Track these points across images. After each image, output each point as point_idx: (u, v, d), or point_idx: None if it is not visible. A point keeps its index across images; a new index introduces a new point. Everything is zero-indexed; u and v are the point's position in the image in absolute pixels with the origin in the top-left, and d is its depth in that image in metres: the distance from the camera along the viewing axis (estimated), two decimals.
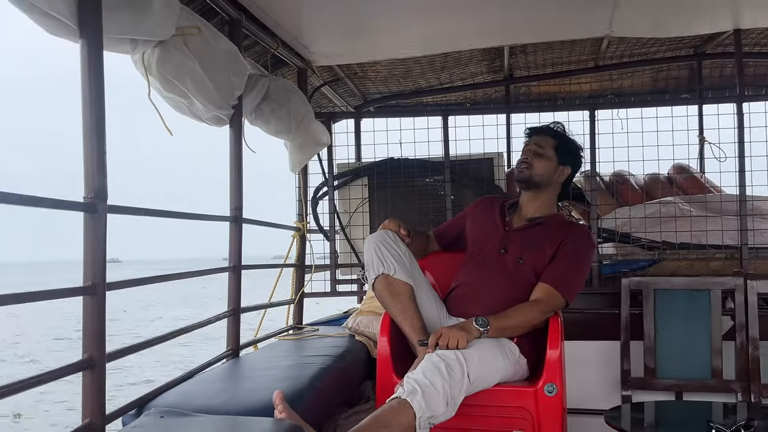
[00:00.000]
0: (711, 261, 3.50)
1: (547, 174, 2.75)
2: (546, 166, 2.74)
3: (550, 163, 2.75)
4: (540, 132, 2.83)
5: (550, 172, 2.75)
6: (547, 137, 2.80)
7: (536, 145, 2.77)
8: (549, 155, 2.75)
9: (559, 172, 2.77)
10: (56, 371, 1.65)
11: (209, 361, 2.67)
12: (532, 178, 2.74)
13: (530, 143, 2.79)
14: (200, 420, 1.84)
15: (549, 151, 2.76)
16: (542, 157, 2.74)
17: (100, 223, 1.74)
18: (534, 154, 2.75)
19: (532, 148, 2.77)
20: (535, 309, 2.52)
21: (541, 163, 2.74)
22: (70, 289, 1.72)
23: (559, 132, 2.83)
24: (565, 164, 2.78)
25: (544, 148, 2.76)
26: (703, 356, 2.86)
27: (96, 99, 1.75)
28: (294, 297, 3.76)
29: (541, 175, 2.74)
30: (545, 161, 2.74)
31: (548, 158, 2.75)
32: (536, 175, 2.74)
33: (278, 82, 3.33)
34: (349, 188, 4.11)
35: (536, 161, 2.74)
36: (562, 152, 2.78)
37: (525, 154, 2.77)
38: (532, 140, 2.80)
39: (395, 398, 2.10)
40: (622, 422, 2.46)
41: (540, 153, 2.75)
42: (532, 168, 2.73)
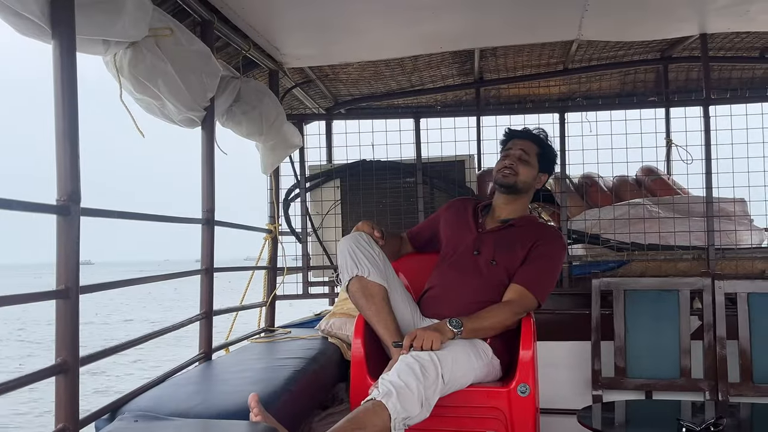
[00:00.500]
0: (679, 262, 3.56)
1: (529, 181, 2.76)
2: (530, 174, 2.75)
3: (533, 171, 2.76)
4: (524, 137, 2.82)
5: (532, 179, 2.77)
6: (531, 143, 2.79)
7: (522, 150, 2.76)
8: (533, 163, 2.76)
9: (538, 179, 2.79)
10: (28, 377, 1.63)
11: (182, 364, 2.65)
12: (516, 185, 2.74)
13: (515, 148, 2.77)
14: (175, 424, 1.83)
15: (533, 159, 2.76)
16: (527, 164, 2.74)
17: (73, 225, 1.72)
18: (519, 160, 2.74)
19: (518, 154, 2.75)
20: (508, 310, 2.54)
21: (525, 170, 2.74)
22: (43, 293, 1.70)
23: (542, 139, 2.83)
24: (544, 171, 2.80)
25: (528, 154, 2.76)
26: (672, 356, 2.91)
27: (69, 101, 1.73)
28: (266, 299, 3.75)
29: (524, 182, 2.75)
30: (529, 168, 2.75)
31: (532, 165, 2.75)
32: (520, 182, 2.74)
33: (250, 84, 3.32)
34: (321, 190, 4.11)
35: (521, 168, 2.73)
36: (544, 160, 2.80)
37: (510, 159, 2.75)
38: (517, 145, 2.78)
39: (370, 400, 2.10)
40: (594, 421, 2.49)
41: (525, 159, 2.75)
42: (518, 175, 2.72)
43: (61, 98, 1.73)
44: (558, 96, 4.98)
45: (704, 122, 3.57)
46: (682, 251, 3.56)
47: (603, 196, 3.98)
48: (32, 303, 1.66)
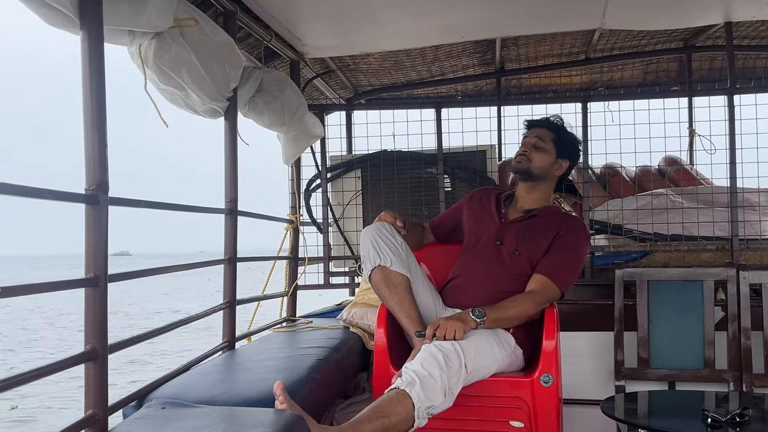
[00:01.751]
0: (702, 253, 3.53)
1: (545, 167, 2.76)
2: (544, 159, 2.75)
3: (548, 156, 2.76)
4: (539, 125, 2.84)
5: (549, 165, 2.76)
6: (546, 130, 2.80)
7: (536, 137, 2.78)
8: (548, 148, 2.76)
9: (558, 165, 2.78)
10: (59, 363, 1.65)
11: (206, 353, 2.67)
12: (530, 170, 2.75)
13: (530, 136, 2.80)
14: (202, 411, 1.84)
15: (548, 144, 2.77)
16: (541, 150, 2.75)
17: (101, 214, 1.74)
18: (533, 147, 2.76)
19: (532, 141, 2.77)
20: (531, 300, 2.53)
21: (539, 156, 2.75)
22: (72, 281, 1.71)
23: (558, 125, 2.84)
24: (563, 157, 2.79)
25: (544, 141, 2.77)
26: (696, 346, 2.89)
27: (97, 91, 1.74)
28: (287, 289, 3.76)
29: (539, 167, 2.75)
30: (544, 154, 2.75)
31: (547, 151, 2.76)
32: (534, 167, 2.75)
33: (272, 75, 3.32)
34: (342, 180, 4.11)
35: (535, 154, 2.75)
36: (561, 145, 2.79)
37: (524, 146, 2.78)
38: (533, 133, 2.80)
39: (394, 389, 2.11)
40: (617, 411, 2.48)
41: (539, 146, 2.76)
42: (531, 161, 2.74)
43: (90, 88, 1.74)
44: (579, 86, 4.96)
45: (729, 112, 3.53)
46: (705, 242, 3.53)
47: (626, 187, 3.96)
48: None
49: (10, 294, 1.38)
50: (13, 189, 1.47)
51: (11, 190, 1.45)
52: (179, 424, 1.71)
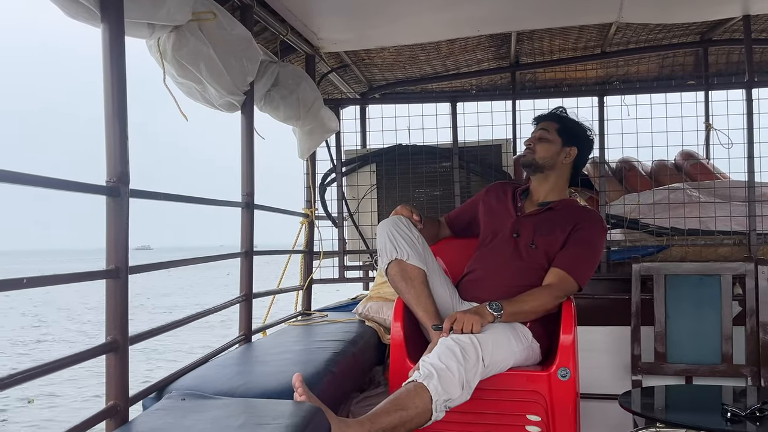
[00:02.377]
0: (719, 247, 3.51)
1: (549, 156, 2.77)
2: (548, 149, 2.77)
3: (553, 146, 2.77)
4: (544, 118, 2.87)
5: (554, 154, 2.77)
6: (550, 122, 2.83)
7: (540, 130, 2.81)
8: (552, 138, 2.78)
9: (565, 153, 2.78)
10: (80, 354, 1.66)
11: (223, 345, 2.69)
12: (535, 161, 2.77)
13: (535, 131, 2.84)
14: (222, 402, 1.85)
15: (552, 135, 2.79)
16: (545, 141, 2.78)
17: (122, 207, 1.75)
18: (537, 139, 2.79)
19: (536, 134, 2.81)
20: (548, 294, 2.53)
21: (543, 146, 2.77)
22: (93, 273, 1.73)
23: (559, 115, 2.87)
24: (570, 145, 2.79)
25: (548, 131, 2.79)
26: (714, 341, 2.87)
27: (118, 84, 1.75)
28: (303, 283, 3.77)
29: (543, 157, 2.77)
30: (547, 144, 2.77)
31: (551, 141, 2.77)
32: (539, 158, 2.76)
33: (287, 69, 3.33)
34: (357, 175, 4.12)
35: (539, 145, 2.78)
36: (566, 133, 2.80)
37: (530, 140, 2.82)
38: (537, 127, 2.84)
39: (411, 382, 2.11)
40: (634, 405, 2.47)
41: (543, 137, 2.78)
42: (535, 152, 2.77)
43: (111, 81, 1.75)
44: (595, 80, 4.94)
45: (747, 105, 3.51)
46: (722, 236, 3.51)
47: (642, 181, 3.94)
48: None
49: (34, 284, 1.39)
50: (36, 180, 1.48)
51: (35, 182, 1.46)
52: (200, 415, 1.72)
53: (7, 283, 1.32)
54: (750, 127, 3.48)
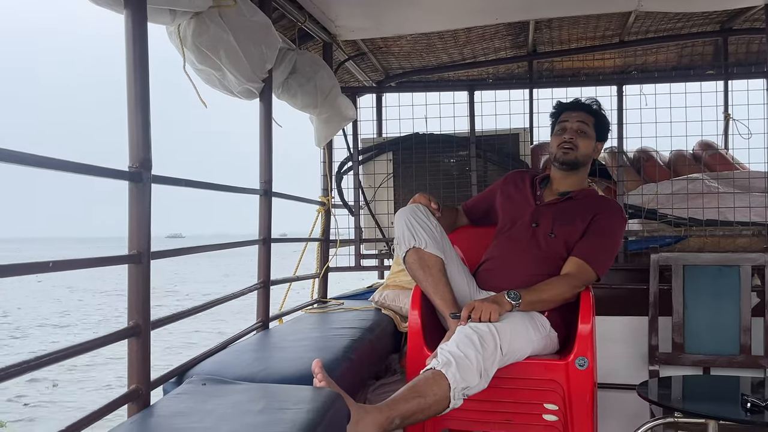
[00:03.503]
0: (738, 238, 3.49)
1: (589, 153, 2.73)
2: (589, 145, 2.72)
3: (591, 142, 2.73)
4: (578, 108, 2.77)
5: (591, 151, 2.74)
6: (587, 114, 2.74)
7: (580, 122, 2.71)
8: (591, 134, 2.72)
9: (596, 148, 2.76)
10: (102, 338, 1.67)
11: (241, 332, 2.70)
12: (577, 160, 2.71)
13: (571, 120, 2.72)
14: (242, 387, 1.86)
15: (590, 130, 2.72)
16: (586, 136, 2.71)
17: (144, 192, 1.76)
18: (579, 133, 2.70)
19: (575, 126, 2.71)
20: (566, 283, 2.52)
21: (585, 142, 2.70)
22: (116, 257, 1.74)
23: (596, 109, 2.78)
24: (600, 140, 2.76)
25: (587, 125, 2.72)
26: (732, 332, 2.86)
27: (141, 69, 1.76)
28: (319, 271, 3.78)
29: (584, 155, 2.72)
30: (588, 140, 2.71)
31: (590, 137, 2.72)
32: (581, 155, 2.71)
33: (305, 56, 3.33)
34: (374, 163, 4.12)
35: (581, 141, 2.70)
36: (599, 129, 2.76)
37: (569, 132, 2.71)
38: (573, 117, 2.73)
39: (430, 369, 2.12)
40: (651, 394, 2.47)
41: (584, 131, 2.71)
42: (578, 149, 2.69)
43: (133, 67, 1.75)
44: (612, 69, 4.90)
45: (767, 95, 3.48)
46: (741, 227, 3.49)
47: (660, 171, 3.92)
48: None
49: (59, 268, 1.40)
50: (60, 164, 1.49)
51: (59, 166, 1.47)
52: (221, 399, 1.73)
53: (35, 267, 1.33)
54: None
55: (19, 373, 1.31)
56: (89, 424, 1.56)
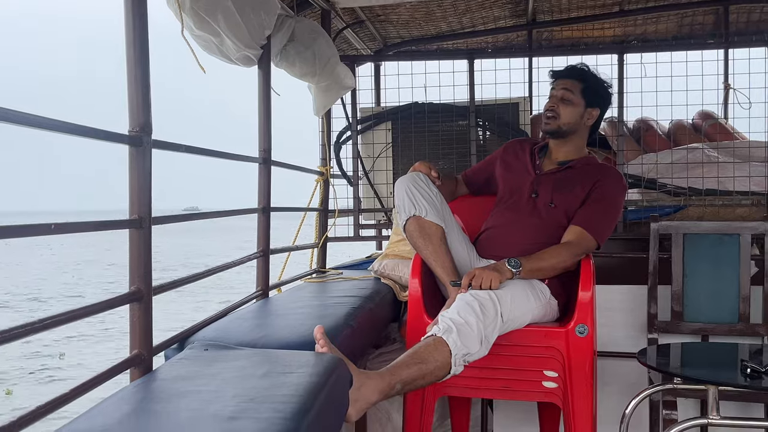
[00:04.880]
0: (737, 207, 3.49)
1: (574, 120, 2.69)
2: (573, 113, 2.68)
3: (577, 109, 2.68)
4: (565, 75, 2.74)
5: (578, 118, 2.69)
6: (573, 81, 2.70)
7: (563, 89, 2.68)
8: (576, 101, 2.68)
9: (588, 114, 2.71)
10: (105, 303, 1.67)
11: (241, 300, 2.70)
12: (560, 129, 2.68)
13: (557, 88, 2.70)
14: (245, 353, 1.86)
15: (576, 96, 2.68)
16: (569, 104, 2.67)
17: (145, 156, 1.74)
18: (561, 100, 2.67)
19: (559, 94, 2.68)
20: (567, 251, 2.51)
21: (567, 110, 2.67)
22: (116, 222, 1.73)
23: (583, 71, 2.73)
24: (593, 106, 2.72)
25: (572, 92, 2.68)
26: (731, 300, 2.86)
27: (139, 32, 1.73)
28: (318, 241, 3.78)
29: (568, 123, 2.68)
30: (572, 108, 2.67)
31: (575, 104, 2.67)
32: (563, 124, 2.67)
33: (304, 23, 3.29)
34: (373, 133, 4.10)
35: (563, 109, 2.67)
36: (590, 94, 2.70)
37: (551, 101, 2.69)
38: (559, 85, 2.71)
39: (431, 336, 2.12)
40: (651, 361, 2.48)
41: (567, 98, 2.67)
42: (559, 117, 2.66)
43: (132, 30, 1.73)
44: (612, 39, 4.86)
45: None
46: (740, 196, 3.49)
47: (660, 141, 3.91)
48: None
49: (61, 231, 1.39)
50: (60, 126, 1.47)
51: (60, 127, 1.45)
52: (224, 364, 1.73)
53: (36, 228, 1.32)
54: None
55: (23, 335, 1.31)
56: (92, 387, 1.56)
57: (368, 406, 1.90)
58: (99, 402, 1.45)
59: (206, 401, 1.41)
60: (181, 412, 1.35)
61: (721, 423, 2.20)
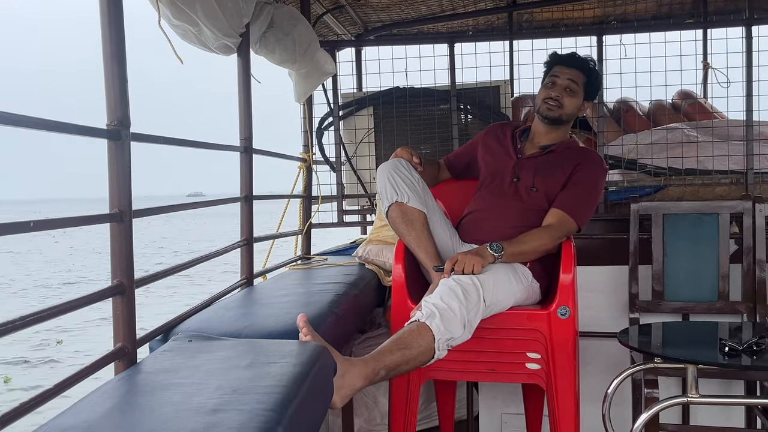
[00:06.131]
0: (716, 186, 3.53)
1: (574, 112, 2.71)
2: (575, 105, 2.69)
3: (578, 101, 2.70)
4: (572, 65, 2.71)
5: (576, 110, 2.72)
6: (579, 72, 2.70)
7: (570, 80, 2.67)
8: (579, 93, 2.69)
9: (582, 107, 2.74)
10: (88, 297, 1.67)
11: (225, 289, 2.71)
12: (561, 118, 2.70)
13: (562, 77, 2.68)
14: (229, 343, 1.88)
15: (580, 89, 2.68)
16: (573, 95, 2.68)
17: (124, 150, 1.74)
18: (567, 91, 2.67)
19: (565, 84, 2.67)
20: (548, 234, 2.54)
21: (571, 101, 2.68)
22: (97, 216, 1.73)
23: (591, 68, 2.73)
24: (589, 99, 2.75)
25: (577, 84, 2.68)
26: (711, 279, 2.90)
27: (115, 25, 1.72)
28: (302, 228, 3.78)
29: (569, 114, 2.70)
30: (575, 99, 2.68)
31: (578, 96, 2.69)
32: (565, 114, 2.69)
33: (283, 10, 3.28)
34: (355, 119, 4.10)
35: (568, 100, 2.67)
36: (589, 89, 2.72)
37: (557, 90, 2.67)
38: (564, 74, 2.68)
39: (414, 321, 2.14)
40: (632, 341, 2.51)
41: (573, 89, 2.67)
42: (563, 108, 2.67)
43: (108, 22, 1.72)
44: (592, 19, 4.86)
45: (746, 43, 3.49)
46: (720, 176, 3.52)
47: (640, 121, 3.93)
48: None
49: (40, 228, 1.40)
50: (37, 123, 1.47)
51: (36, 124, 1.45)
52: (209, 355, 1.74)
53: (15, 227, 1.32)
54: (749, 65, 3.47)
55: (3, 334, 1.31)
56: (76, 382, 1.56)
57: (353, 392, 1.92)
58: (82, 397, 1.45)
59: (189, 394, 1.42)
60: (164, 406, 1.36)
61: (700, 401, 2.24)
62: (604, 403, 2.51)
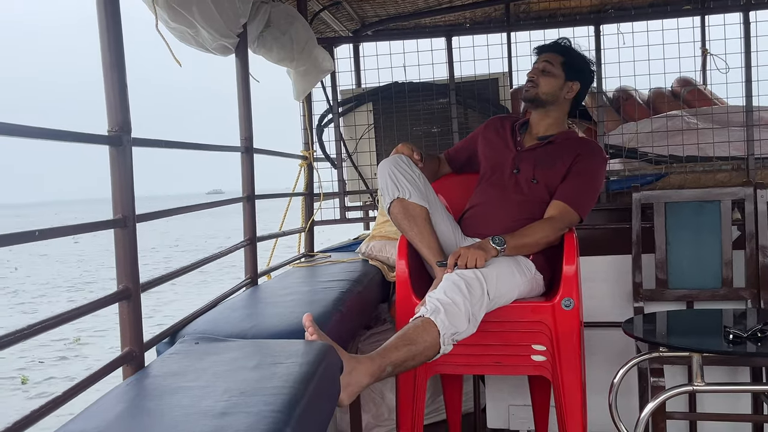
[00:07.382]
0: (717, 173, 3.53)
1: (553, 91, 2.73)
2: (552, 84, 2.72)
3: (556, 81, 2.73)
4: (547, 49, 2.80)
5: (557, 89, 2.73)
6: (555, 54, 2.76)
7: (545, 62, 2.74)
8: (556, 73, 2.72)
9: (567, 87, 2.75)
10: (94, 303, 1.68)
11: (230, 289, 2.72)
12: (538, 97, 2.72)
13: (539, 62, 2.77)
14: (236, 344, 1.89)
15: (556, 69, 2.73)
16: (549, 75, 2.72)
17: (126, 155, 1.74)
18: (541, 72, 2.73)
19: (540, 66, 2.74)
20: (550, 226, 2.55)
21: (547, 80, 2.72)
22: (101, 223, 1.73)
23: (566, 47, 2.79)
24: (573, 79, 2.76)
25: (552, 64, 2.73)
26: (714, 266, 2.91)
27: (114, 31, 1.73)
28: (304, 225, 3.79)
29: (546, 93, 2.72)
30: (552, 78, 2.72)
31: (555, 75, 2.72)
32: (542, 93, 2.72)
33: (280, 8, 3.28)
34: (354, 115, 4.09)
35: (542, 79, 2.72)
36: (570, 68, 2.75)
37: (533, 72, 2.75)
38: (541, 58, 2.77)
39: (419, 317, 2.15)
40: (637, 331, 2.52)
41: (547, 70, 2.72)
42: (538, 87, 2.72)
43: (107, 28, 1.72)
44: (589, 9, 4.85)
45: (744, 28, 3.48)
46: (721, 162, 3.52)
47: (639, 110, 3.93)
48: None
49: (46, 236, 1.40)
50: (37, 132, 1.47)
51: (38, 134, 1.46)
52: (216, 357, 1.75)
53: (21, 236, 1.33)
54: (747, 51, 3.46)
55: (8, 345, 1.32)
56: (85, 388, 1.58)
57: (360, 390, 1.93)
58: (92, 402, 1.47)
59: (198, 397, 1.43)
60: (173, 410, 1.37)
61: (705, 389, 2.25)
62: (610, 393, 2.52)
